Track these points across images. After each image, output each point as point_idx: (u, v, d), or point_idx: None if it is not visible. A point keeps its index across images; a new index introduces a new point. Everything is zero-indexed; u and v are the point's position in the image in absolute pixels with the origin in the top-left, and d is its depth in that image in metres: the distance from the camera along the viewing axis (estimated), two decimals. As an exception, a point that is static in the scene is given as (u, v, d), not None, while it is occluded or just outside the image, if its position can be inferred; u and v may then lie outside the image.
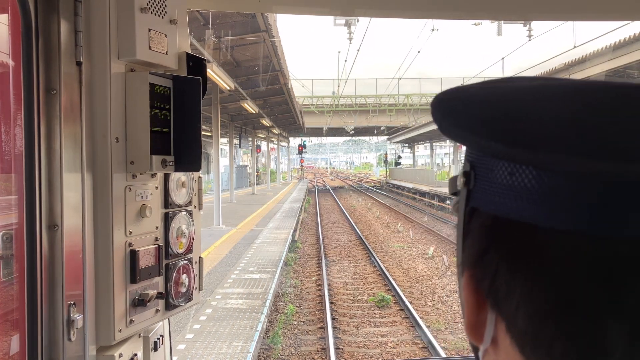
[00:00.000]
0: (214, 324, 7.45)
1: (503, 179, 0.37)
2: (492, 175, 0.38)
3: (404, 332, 8.35)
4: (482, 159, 0.39)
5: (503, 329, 0.39)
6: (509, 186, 0.36)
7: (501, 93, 0.39)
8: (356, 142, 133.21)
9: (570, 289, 0.34)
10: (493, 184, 0.38)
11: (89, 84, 1.16)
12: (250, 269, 10.89)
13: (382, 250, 15.62)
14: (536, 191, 0.34)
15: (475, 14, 1.80)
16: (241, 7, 2.27)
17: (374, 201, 34.08)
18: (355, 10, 1.78)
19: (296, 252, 14.89)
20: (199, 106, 1.28)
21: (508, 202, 0.36)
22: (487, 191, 0.39)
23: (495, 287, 0.38)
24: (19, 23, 1.07)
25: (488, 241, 0.39)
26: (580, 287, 0.33)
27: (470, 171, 0.41)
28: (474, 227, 0.41)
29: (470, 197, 0.41)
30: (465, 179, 0.41)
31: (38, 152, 1.08)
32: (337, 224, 22.42)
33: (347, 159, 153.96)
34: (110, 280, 1.18)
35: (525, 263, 0.36)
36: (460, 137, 0.40)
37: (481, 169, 0.40)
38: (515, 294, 0.36)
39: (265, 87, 20.78)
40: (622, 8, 1.73)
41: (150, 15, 1.21)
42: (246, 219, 19.61)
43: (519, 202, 0.35)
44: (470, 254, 0.42)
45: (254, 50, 15.53)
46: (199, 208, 1.47)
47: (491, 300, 0.40)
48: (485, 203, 0.39)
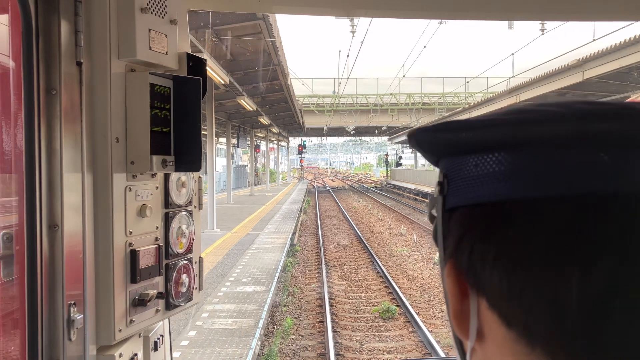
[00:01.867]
0: (197, 351, 6.33)
1: (470, 171, 0.43)
2: (461, 173, 0.44)
3: (412, 347, 7.80)
4: (452, 163, 0.45)
5: (485, 308, 0.42)
6: (476, 176, 0.42)
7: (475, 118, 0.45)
8: (356, 142, 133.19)
9: (541, 257, 0.38)
10: (463, 179, 0.44)
11: (89, 84, 1.16)
12: (243, 280, 9.95)
13: (385, 254, 14.94)
14: (498, 172, 0.40)
15: (476, 14, 1.80)
16: (241, 7, 2.27)
17: (374, 202, 33.26)
18: (355, 10, 1.78)
19: (295, 257, 14.28)
20: (199, 106, 1.29)
21: (477, 189, 0.42)
22: (458, 189, 0.44)
23: (472, 263, 0.42)
24: (19, 23, 1.07)
25: (464, 228, 0.44)
26: (542, 239, 0.38)
27: (444, 179, 0.47)
28: (451, 225, 0.46)
29: (445, 202, 0.46)
30: (440, 188, 0.47)
31: (38, 152, 1.08)
32: (338, 226, 21.80)
33: (347, 160, 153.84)
34: (110, 280, 1.18)
35: (497, 240, 0.40)
36: (437, 140, 0.46)
37: (452, 172, 0.45)
38: (488, 261, 0.41)
39: (263, 83, 19.99)
40: (623, 8, 1.73)
41: (151, 16, 1.21)
42: (242, 222, 18.61)
43: (486, 185, 0.41)
44: (449, 247, 0.46)
45: (251, 44, 15.12)
46: (199, 208, 1.47)
47: (471, 279, 0.43)
48: (458, 199, 0.45)
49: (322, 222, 22.56)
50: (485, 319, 0.42)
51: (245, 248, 13.45)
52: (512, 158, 0.40)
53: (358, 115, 46.94)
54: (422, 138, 0.48)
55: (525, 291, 0.38)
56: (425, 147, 0.48)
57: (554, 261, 0.37)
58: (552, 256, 0.37)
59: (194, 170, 1.30)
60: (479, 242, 0.42)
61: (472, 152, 0.43)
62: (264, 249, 13.38)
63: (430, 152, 0.48)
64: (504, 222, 0.40)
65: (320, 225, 21.28)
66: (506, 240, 0.40)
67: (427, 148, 0.48)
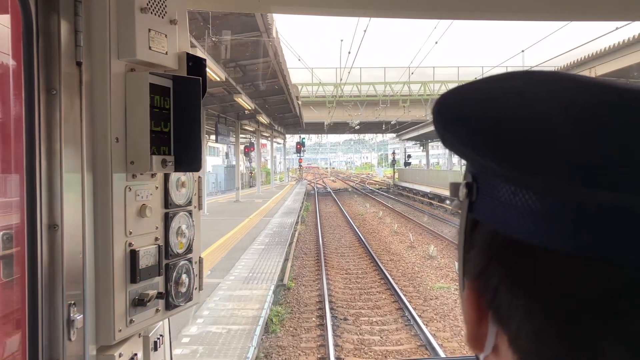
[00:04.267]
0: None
1: (506, 197, 0.36)
2: (494, 191, 0.37)
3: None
4: (485, 173, 0.39)
5: (505, 341, 0.39)
6: (511, 205, 0.36)
7: (502, 105, 0.38)
8: (356, 141, 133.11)
9: (571, 313, 0.34)
10: (495, 199, 0.37)
11: (89, 84, 1.16)
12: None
13: (417, 295, 10.03)
14: (539, 212, 0.34)
15: (477, 15, 1.80)
16: (241, 7, 2.27)
17: (384, 208, 27.90)
18: (355, 10, 1.78)
19: (285, 305, 9.28)
20: (199, 106, 1.29)
21: (510, 220, 0.36)
22: (489, 206, 0.38)
23: (497, 303, 0.39)
24: (19, 23, 1.07)
25: (490, 256, 0.39)
26: (581, 311, 0.34)
27: (473, 183, 0.40)
28: (475, 240, 0.41)
29: (472, 208, 0.41)
30: (467, 190, 0.41)
31: (38, 152, 1.08)
32: (344, 242, 16.37)
33: (347, 159, 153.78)
34: (110, 280, 1.18)
35: (527, 285, 0.36)
36: (462, 154, 0.39)
37: (483, 183, 0.39)
38: (517, 315, 0.37)
39: (245, 53, 14.62)
40: (624, 8, 1.73)
41: (150, 16, 1.21)
42: (206, 250, 11.85)
43: (522, 221, 0.35)
44: (471, 266, 0.42)
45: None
46: (199, 208, 1.47)
47: (492, 314, 0.40)
48: (487, 217, 0.39)
49: (323, 237, 16.94)
50: (503, 346, 0.39)
51: (185, 323, 6.90)
52: (568, 205, 0.33)
53: (364, 107, 39.71)
54: (462, 125, 0.38)
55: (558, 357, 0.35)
56: (463, 139, 0.38)
57: (597, 338, 0.33)
58: (596, 334, 0.33)
59: (194, 170, 1.30)
60: (505, 285, 0.37)
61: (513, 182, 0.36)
62: (222, 321, 7.17)
63: (469, 146, 0.38)
64: (540, 279, 0.35)
65: (321, 241, 15.60)
66: (542, 301, 0.35)
67: (465, 141, 0.38)
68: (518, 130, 0.35)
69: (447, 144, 0.40)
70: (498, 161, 0.35)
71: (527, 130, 0.35)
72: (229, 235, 14.79)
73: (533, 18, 1.88)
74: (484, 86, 0.41)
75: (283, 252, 12.47)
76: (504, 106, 0.37)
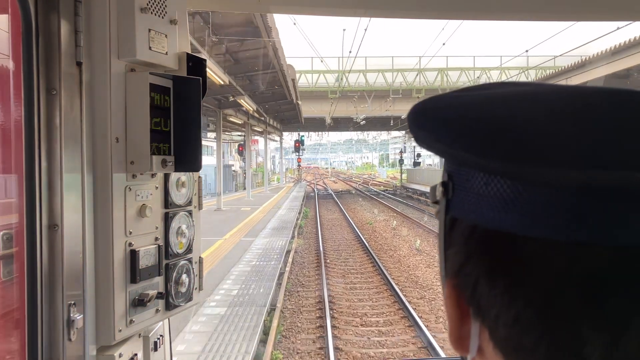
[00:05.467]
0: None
1: (479, 188, 0.37)
2: (468, 184, 0.38)
3: None
4: (459, 168, 0.40)
5: (487, 337, 0.39)
6: (485, 195, 0.36)
7: (474, 102, 0.39)
8: (357, 141, 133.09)
9: (550, 298, 0.34)
10: (470, 193, 0.38)
11: (89, 84, 1.16)
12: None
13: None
14: (512, 200, 0.34)
15: (477, 14, 1.80)
16: (241, 7, 2.27)
17: (395, 214, 23.44)
18: (356, 10, 1.78)
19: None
20: (199, 106, 1.29)
21: (485, 212, 0.36)
22: (464, 201, 0.39)
23: (477, 296, 0.39)
24: (19, 23, 1.07)
25: (468, 251, 0.39)
26: (560, 296, 0.34)
27: (448, 181, 0.41)
28: (454, 237, 0.42)
29: (449, 207, 0.41)
30: (443, 189, 0.42)
31: (38, 152, 1.08)
32: (353, 263, 12.57)
33: (347, 159, 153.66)
34: (110, 280, 1.18)
35: (504, 273, 0.36)
36: (434, 148, 0.39)
37: (458, 179, 0.40)
38: (496, 304, 0.37)
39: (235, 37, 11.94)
40: (624, 8, 1.73)
41: (150, 16, 1.21)
42: None
43: (496, 211, 0.35)
44: (451, 264, 0.42)
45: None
46: (199, 208, 1.47)
47: (473, 309, 0.40)
48: (463, 213, 0.39)
49: (326, 257, 13.09)
50: (486, 343, 0.40)
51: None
52: (541, 190, 0.33)
53: (372, 100, 35.06)
54: (435, 121, 0.39)
55: (539, 350, 0.35)
56: (435, 134, 0.39)
57: (576, 323, 0.33)
58: (575, 318, 0.33)
59: (194, 170, 1.30)
60: (484, 276, 0.38)
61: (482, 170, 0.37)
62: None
63: (441, 140, 0.38)
64: (517, 266, 0.35)
65: (323, 264, 11.95)
66: (519, 288, 0.35)
67: (437, 135, 0.39)
68: (486, 123, 0.36)
69: (420, 141, 0.41)
70: (467, 149, 0.36)
71: (494, 121, 0.36)
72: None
73: (533, 18, 1.88)
74: (459, 93, 0.42)
75: (265, 305, 7.72)
76: (477, 105, 0.38)
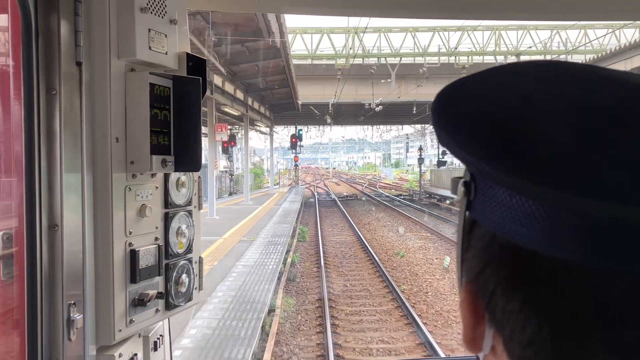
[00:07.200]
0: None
1: (503, 198, 0.35)
2: (492, 191, 0.36)
3: None
4: (482, 175, 0.38)
5: (500, 343, 0.39)
6: (509, 207, 0.35)
7: (502, 101, 0.37)
8: (357, 141, 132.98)
9: (567, 321, 0.33)
10: (493, 201, 0.36)
11: (89, 84, 1.16)
12: None
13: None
14: (537, 218, 0.33)
15: (477, 14, 1.79)
16: (241, 7, 2.27)
17: (435, 238, 16.52)
18: (355, 10, 1.78)
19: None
20: (199, 106, 1.29)
21: (508, 224, 0.35)
22: (486, 207, 0.37)
23: (492, 306, 0.38)
24: (19, 23, 1.07)
25: (486, 259, 0.39)
26: (578, 319, 0.33)
27: (471, 182, 0.39)
28: (473, 241, 0.40)
29: (470, 207, 0.40)
30: (465, 189, 0.40)
31: (38, 152, 1.08)
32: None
33: (348, 159, 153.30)
34: (110, 280, 1.18)
35: (523, 290, 0.36)
36: (459, 156, 0.38)
37: (481, 184, 0.38)
38: (511, 320, 0.36)
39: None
40: (624, 8, 1.72)
41: (150, 15, 1.21)
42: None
43: (519, 225, 0.34)
44: (469, 267, 0.41)
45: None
46: (199, 208, 1.47)
47: (488, 317, 0.39)
48: (484, 218, 0.38)
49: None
50: (500, 347, 0.39)
51: None
52: (569, 213, 0.32)
53: (395, 72, 25.86)
54: (460, 124, 0.37)
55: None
56: (459, 140, 0.37)
57: (591, 348, 0.33)
58: (590, 343, 0.33)
59: (194, 170, 1.30)
60: (501, 289, 0.37)
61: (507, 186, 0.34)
62: None
63: (465, 149, 0.36)
64: (536, 285, 0.35)
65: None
66: (537, 308, 0.35)
67: (461, 142, 0.37)
68: (517, 136, 0.34)
69: (443, 143, 0.40)
70: (493, 165, 0.34)
71: (527, 135, 0.34)
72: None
73: (534, 18, 1.88)
74: (483, 87, 0.40)
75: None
76: (504, 110, 0.36)
